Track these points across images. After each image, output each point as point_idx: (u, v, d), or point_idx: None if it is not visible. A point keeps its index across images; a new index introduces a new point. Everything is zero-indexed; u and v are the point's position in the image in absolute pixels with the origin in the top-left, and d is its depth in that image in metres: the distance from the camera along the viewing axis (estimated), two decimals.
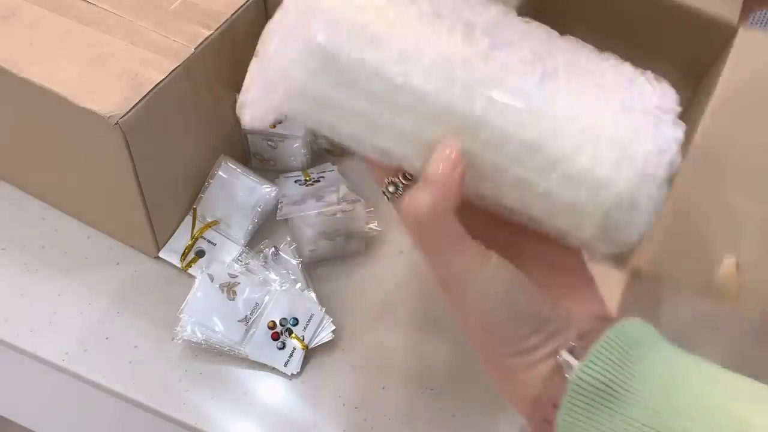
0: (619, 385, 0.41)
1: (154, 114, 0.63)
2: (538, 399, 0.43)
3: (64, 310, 0.69)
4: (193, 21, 0.67)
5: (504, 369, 0.44)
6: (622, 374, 0.41)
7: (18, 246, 0.73)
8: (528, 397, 0.44)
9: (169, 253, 0.71)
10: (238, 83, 0.74)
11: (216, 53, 0.67)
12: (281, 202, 0.73)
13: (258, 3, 0.70)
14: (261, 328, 0.66)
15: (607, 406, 0.41)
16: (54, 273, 0.71)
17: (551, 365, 0.43)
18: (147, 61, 0.64)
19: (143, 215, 0.68)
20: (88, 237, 0.74)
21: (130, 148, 0.62)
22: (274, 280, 0.69)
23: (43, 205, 0.75)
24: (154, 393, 0.65)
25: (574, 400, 0.41)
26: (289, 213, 0.71)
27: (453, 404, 0.64)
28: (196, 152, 0.71)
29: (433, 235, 0.42)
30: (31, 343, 0.67)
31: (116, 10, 0.67)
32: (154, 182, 0.66)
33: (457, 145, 0.41)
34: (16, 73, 0.62)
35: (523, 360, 0.43)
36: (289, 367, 0.65)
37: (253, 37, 0.72)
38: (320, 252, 0.71)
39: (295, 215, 0.71)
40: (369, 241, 0.73)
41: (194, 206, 0.72)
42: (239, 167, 0.74)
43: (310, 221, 0.70)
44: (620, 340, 0.42)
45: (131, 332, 0.68)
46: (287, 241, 0.72)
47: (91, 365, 0.66)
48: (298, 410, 0.64)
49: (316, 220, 0.70)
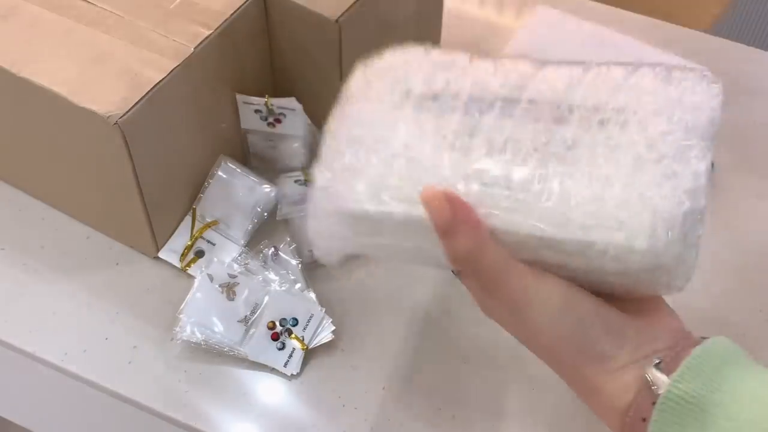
0: (710, 399, 0.42)
1: (154, 114, 0.63)
2: (627, 412, 0.44)
3: (64, 310, 0.69)
4: (193, 21, 0.67)
5: (586, 382, 0.46)
6: (712, 389, 0.42)
7: (18, 246, 0.73)
8: (615, 409, 0.45)
9: (168, 253, 0.71)
10: (238, 83, 0.74)
11: (216, 53, 0.67)
12: (281, 202, 0.73)
13: (258, 3, 0.70)
14: (261, 328, 0.66)
15: (698, 419, 0.42)
16: (54, 273, 0.71)
17: (636, 377, 0.44)
18: (147, 61, 0.64)
19: (143, 215, 0.67)
20: (88, 237, 0.74)
21: (129, 148, 0.62)
22: (273, 280, 0.69)
23: (43, 205, 0.75)
24: (153, 393, 0.65)
25: (665, 414, 0.43)
26: (289, 213, 0.71)
27: (453, 404, 0.64)
28: (195, 152, 0.71)
29: (484, 265, 0.44)
30: (30, 343, 0.67)
31: (116, 10, 0.67)
32: (153, 182, 0.66)
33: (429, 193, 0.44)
34: (16, 72, 0.62)
35: (603, 370, 0.45)
36: (288, 368, 0.65)
37: (253, 37, 0.72)
38: None
39: (295, 215, 0.71)
40: None
41: (194, 206, 0.72)
42: (239, 167, 0.73)
43: None
44: (710, 356, 0.43)
45: (131, 332, 0.68)
46: (287, 241, 0.72)
47: (91, 365, 0.66)
48: (298, 410, 0.64)
49: None
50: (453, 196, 0.44)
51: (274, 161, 0.77)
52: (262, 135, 0.76)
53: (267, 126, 0.75)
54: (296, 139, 0.75)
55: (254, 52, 0.73)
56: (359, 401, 0.64)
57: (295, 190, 0.74)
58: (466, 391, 0.65)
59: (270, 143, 0.76)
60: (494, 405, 0.64)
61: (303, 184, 0.74)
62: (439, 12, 0.85)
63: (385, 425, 0.63)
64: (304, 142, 0.76)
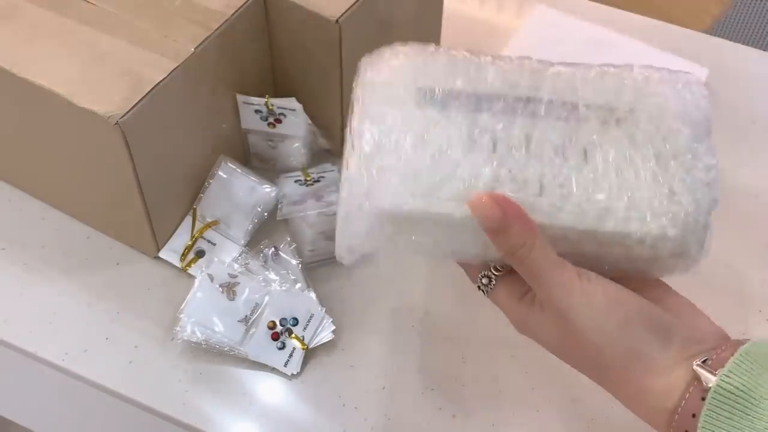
0: (758, 392, 0.44)
1: (154, 114, 0.63)
2: (675, 411, 0.45)
3: (64, 310, 0.69)
4: (193, 21, 0.67)
5: (632, 385, 0.47)
6: (760, 383, 0.44)
7: (18, 246, 0.73)
8: (663, 409, 0.46)
9: (168, 252, 0.71)
10: (238, 83, 0.74)
11: (216, 53, 0.67)
12: (281, 202, 0.73)
13: (258, 3, 0.70)
14: (261, 328, 0.66)
15: (748, 412, 0.43)
16: (54, 273, 0.71)
17: (683, 375, 0.45)
18: (147, 61, 0.64)
19: (143, 215, 0.68)
20: (88, 237, 0.74)
21: (129, 148, 0.62)
22: (273, 280, 0.69)
23: (43, 205, 0.75)
24: (154, 393, 0.65)
25: (715, 407, 0.44)
26: (290, 213, 0.71)
27: (453, 404, 0.64)
28: (195, 152, 0.71)
29: (532, 258, 0.46)
30: (31, 343, 0.67)
31: (116, 10, 0.67)
32: (153, 182, 0.66)
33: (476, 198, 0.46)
34: (16, 73, 0.62)
35: (651, 370, 0.46)
36: (289, 367, 0.65)
37: (253, 38, 0.72)
38: (320, 252, 0.71)
39: (295, 215, 0.71)
40: None
41: (194, 206, 0.72)
42: (239, 167, 0.74)
43: (310, 221, 0.70)
44: (757, 354, 0.45)
45: (131, 332, 0.68)
46: (287, 241, 0.72)
47: (91, 365, 0.66)
48: (298, 410, 0.64)
49: (317, 220, 0.70)
50: (500, 196, 0.46)
51: (274, 161, 0.78)
52: (262, 135, 0.76)
53: (267, 126, 0.75)
54: (296, 139, 0.75)
55: (254, 52, 0.73)
56: (359, 401, 0.64)
57: (295, 190, 0.74)
58: (466, 391, 0.65)
59: (270, 143, 0.76)
60: (494, 405, 0.64)
61: (303, 184, 0.74)
62: (439, 12, 0.85)
63: (385, 425, 0.63)
64: (304, 142, 0.76)
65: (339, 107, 0.75)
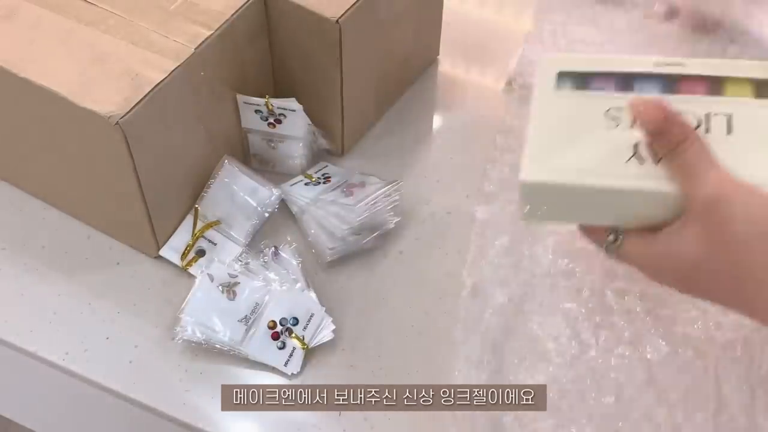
0: None
1: (154, 114, 0.63)
2: None
3: (64, 310, 0.69)
4: (193, 21, 0.67)
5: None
6: None
7: (18, 246, 0.73)
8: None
9: (169, 251, 0.71)
10: (238, 83, 0.74)
11: (216, 53, 0.67)
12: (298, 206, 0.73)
13: (258, 3, 0.70)
14: (261, 328, 0.66)
15: None
16: (54, 273, 0.71)
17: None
18: (147, 61, 0.64)
19: (143, 215, 0.68)
20: (88, 237, 0.74)
21: (130, 147, 0.62)
22: (274, 279, 0.69)
23: (43, 205, 0.75)
24: (154, 393, 0.65)
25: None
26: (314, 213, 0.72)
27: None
28: (196, 152, 0.71)
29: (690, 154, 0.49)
30: (31, 343, 0.67)
31: (116, 10, 0.67)
32: (154, 182, 0.66)
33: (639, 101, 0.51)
34: (16, 73, 0.62)
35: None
36: (289, 367, 0.65)
37: (253, 38, 0.72)
38: (342, 248, 0.71)
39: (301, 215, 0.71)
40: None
41: (196, 205, 0.72)
42: (241, 168, 0.74)
43: (343, 216, 0.70)
44: None
45: (131, 332, 0.68)
46: (287, 240, 0.72)
47: (91, 365, 0.66)
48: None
49: (349, 215, 0.70)
50: (658, 100, 0.50)
51: (274, 161, 0.78)
52: (263, 135, 0.76)
53: (267, 126, 0.75)
54: (296, 139, 0.75)
55: (254, 52, 0.73)
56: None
57: (308, 191, 0.74)
58: (466, 390, 0.65)
59: (270, 143, 0.76)
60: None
61: (311, 185, 0.74)
62: (439, 12, 0.85)
63: (385, 425, 0.63)
64: (305, 142, 0.76)
65: (339, 107, 0.75)
